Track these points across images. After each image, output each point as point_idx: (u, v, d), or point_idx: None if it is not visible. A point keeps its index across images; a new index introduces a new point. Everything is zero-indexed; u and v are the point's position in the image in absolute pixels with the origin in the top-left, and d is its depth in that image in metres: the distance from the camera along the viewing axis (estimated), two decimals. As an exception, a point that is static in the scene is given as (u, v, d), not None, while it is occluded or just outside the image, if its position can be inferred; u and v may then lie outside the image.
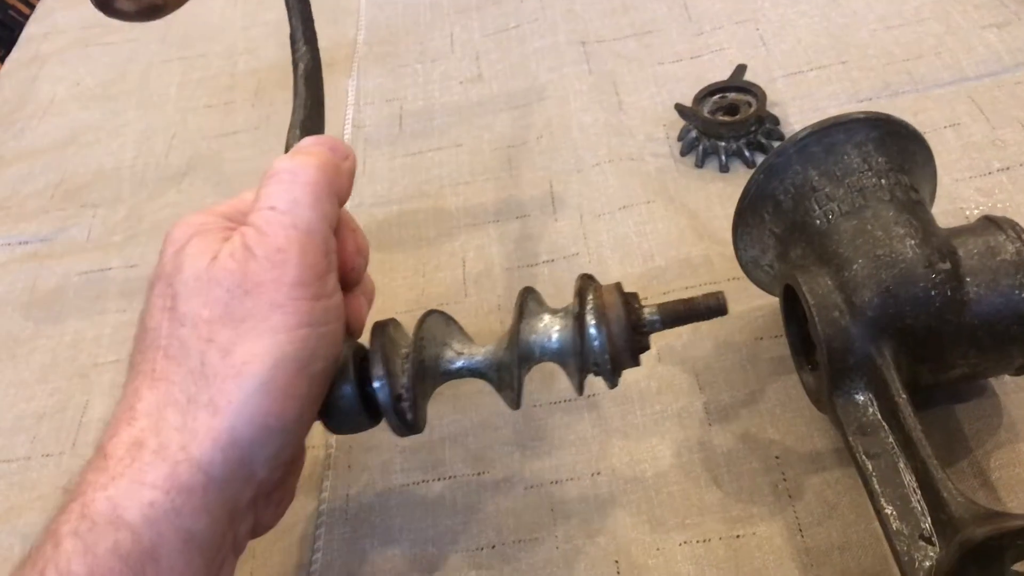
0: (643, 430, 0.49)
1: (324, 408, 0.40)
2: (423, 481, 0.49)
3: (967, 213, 0.55)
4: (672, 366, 0.51)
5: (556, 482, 0.48)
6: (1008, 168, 0.57)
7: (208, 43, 0.86)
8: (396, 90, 0.75)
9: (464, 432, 0.51)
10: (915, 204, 0.44)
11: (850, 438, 0.41)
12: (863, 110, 0.46)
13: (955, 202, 0.56)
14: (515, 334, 0.40)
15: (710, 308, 0.41)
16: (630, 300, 0.41)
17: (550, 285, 0.57)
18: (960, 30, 0.67)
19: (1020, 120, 0.60)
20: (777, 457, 0.46)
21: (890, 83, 0.64)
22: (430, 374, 0.41)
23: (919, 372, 0.42)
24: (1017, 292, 0.41)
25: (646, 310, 0.41)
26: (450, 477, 0.49)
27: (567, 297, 0.55)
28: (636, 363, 0.41)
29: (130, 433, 0.35)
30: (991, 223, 0.43)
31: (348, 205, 0.66)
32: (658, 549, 0.44)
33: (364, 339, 0.42)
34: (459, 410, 0.52)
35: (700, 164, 0.62)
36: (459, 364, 0.42)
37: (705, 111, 0.63)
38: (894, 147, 0.45)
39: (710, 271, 0.56)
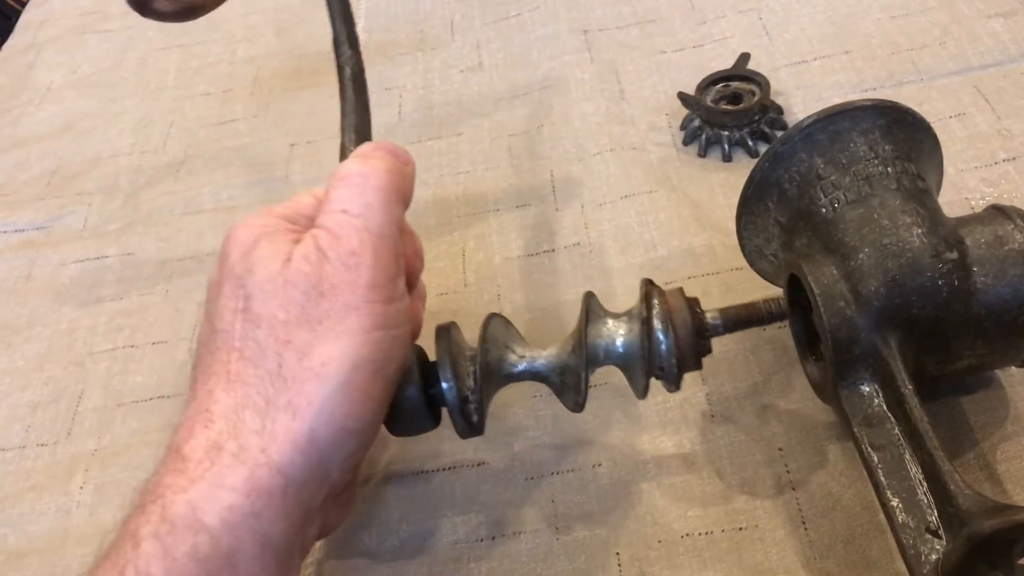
0: (645, 421, 0.48)
1: (388, 410, 0.40)
2: (422, 472, 0.49)
3: (972, 204, 0.55)
4: (674, 357, 0.50)
5: (557, 473, 0.47)
6: (1014, 158, 0.57)
7: (206, 31, 0.85)
8: (395, 79, 0.74)
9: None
10: (922, 193, 0.43)
11: (855, 429, 0.40)
12: (869, 97, 0.45)
13: (961, 192, 0.55)
14: (582, 338, 0.41)
15: (771, 313, 0.43)
16: (693, 305, 0.42)
17: (550, 275, 0.56)
18: (965, 20, 0.66)
19: (1026, 110, 0.59)
20: (780, 449, 0.46)
21: (895, 73, 0.64)
22: (494, 377, 0.42)
23: (925, 363, 0.42)
24: None
25: (708, 315, 0.42)
26: (449, 468, 0.49)
27: (567, 287, 0.55)
28: (699, 367, 0.42)
29: (208, 436, 0.35)
30: (999, 212, 0.43)
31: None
32: (660, 541, 0.44)
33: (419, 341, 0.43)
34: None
35: (703, 153, 0.62)
36: (521, 367, 0.42)
37: (708, 100, 0.62)
38: (900, 135, 0.45)
39: (713, 261, 0.55)
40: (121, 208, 0.69)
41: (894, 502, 0.38)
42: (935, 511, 0.37)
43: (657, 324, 0.41)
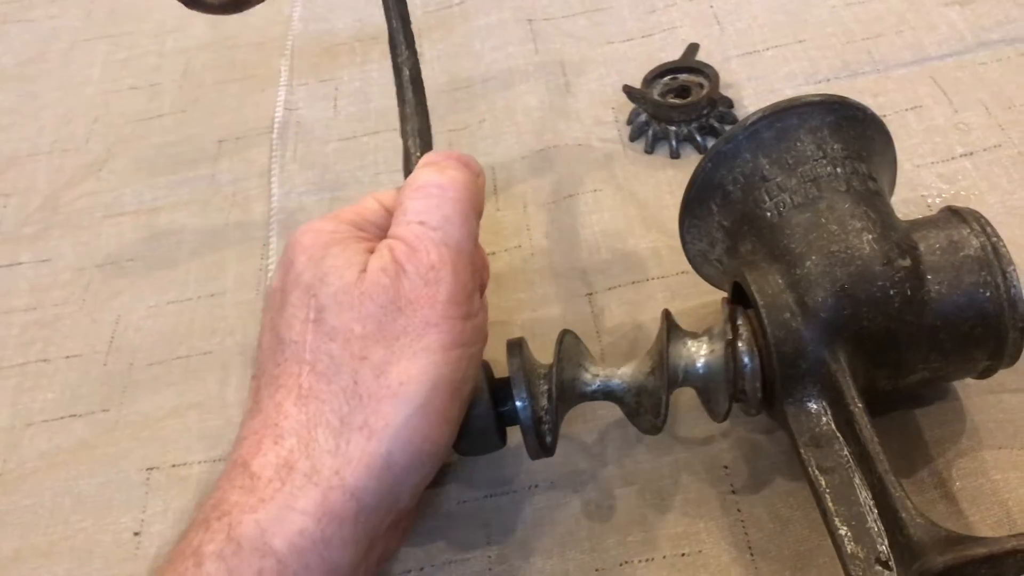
0: (583, 439, 0.45)
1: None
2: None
3: (928, 201, 0.52)
4: (616, 368, 0.48)
5: (491, 496, 0.44)
6: (971, 153, 0.54)
7: (136, 21, 0.81)
8: (332, 70, 0.71)
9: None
10: (873, 195, 0.41)
11: (802, 450, 0.38)
12: (818, 92, 0.42)
13: (916, 189, 0.53)
14: (664, 359, 0.39)
15: None
16: None
17: (490, 280, 0.53)
18: (922, 7, 0.64)
19: (983, 103, 0.57)
20: (726, 467, 0.43)
21: (849, 63, 0.61)
22: (567, 396, 0.40)
23: (876, 377, 0.39)
24: (981, 291, 0.38)
25: None
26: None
27: (508, 292, 0.52)
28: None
29: (278, 453, 0.34)
30: (954, 215, 0.40)
31: (277, 193, 0.62)
32: (597, 570, 0.41)
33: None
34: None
35: (650, 149, 0.59)
36: (595, 386, 0.41)
37: (655, 93, 0.59)
38: (851, 132, 0.42)
39: (659, 265, 0.52)
40: (38, 210, 0.65)
41: (842, 530, 0.35)
42: (885, 540, 0.35)
43: (743, 347, 0.39)
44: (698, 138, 0.58)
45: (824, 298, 0.38)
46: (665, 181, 0.57)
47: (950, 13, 0.63)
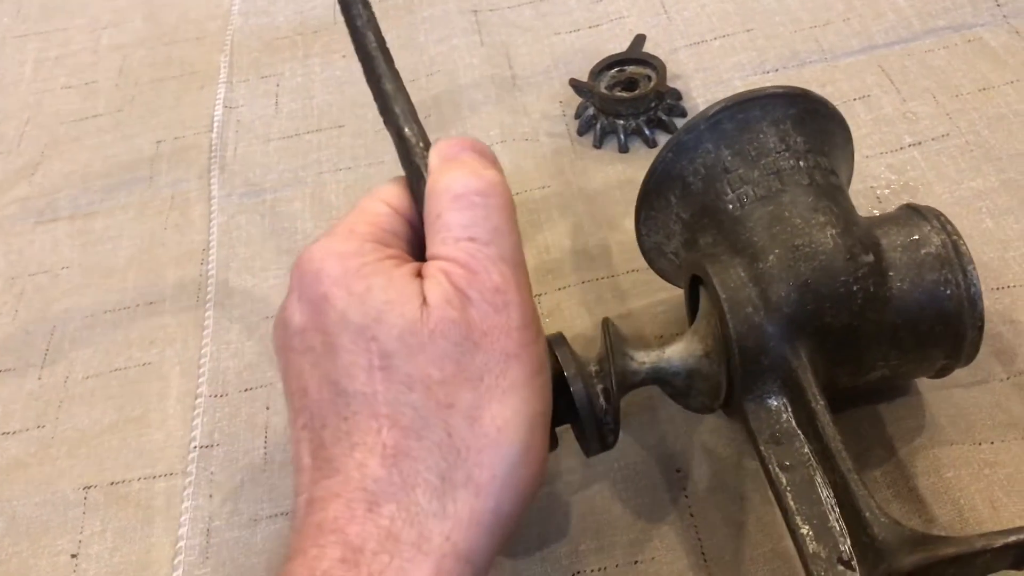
0: (535, 444, 0.44)
1: None
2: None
3: (878, 192, 0.52)
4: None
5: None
6: (920, 143, 0.54)
7: (69, 16, 0.78)
8: (273, 65, 0.69)
9: (338, 453, 0.46)
10: (835, 189, 0.40)
11: (762, 447, 0.37)
12: (780, 84, 0.41)
13: (865, 180, 0.52)
14: (728, 341, 0.37)
15: None
16: None
17: (437, 282, 0.52)
18: (869, -6, 0.63)
19: (931, 91, 0.56)
20: (678, 471, 0.43)
21: (798, 52, 0.61)
22: (619, 386, 0.38)
23: (837, 375, 0.39)
24: (942, 289, 0.38)
25: None
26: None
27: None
28: None
29: (377, 522, 0.30)
30: (915, 212, 0.40)
31: (217, 195, 0.61)
32: (549, 581, 0.40)
33: None
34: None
35: (598, 144, 0.58)
36: (644, 373, 0.39)
37: (602, 86, 0.58)
38: (813, 126, 0.41)
39: (608, 263, 0.51)
40: (-32, 217, 0.62)
41: (804, 529, 0.35)
42: (848, 539, 0.34)
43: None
44: (646, 131, 0.57)
45: (787, 293, 0.37)
46: (614, 176, 0.56)
47: (898, 0, 0.62)
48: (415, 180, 0.36)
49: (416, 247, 0.35)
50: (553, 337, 0.38)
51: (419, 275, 0.33)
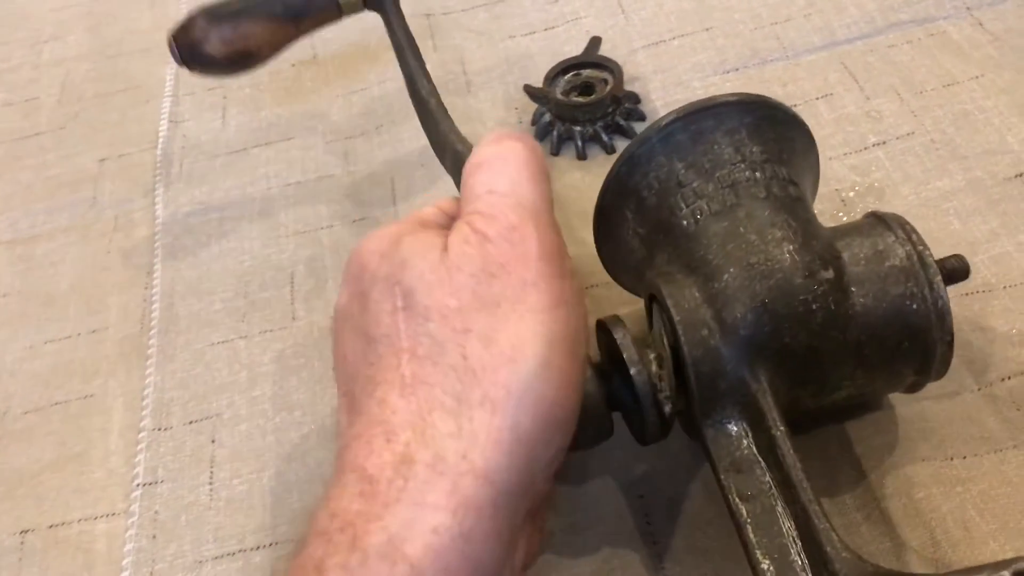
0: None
1: None
2: (240, 551, 0.42)
3: (842, 195, 0.50)
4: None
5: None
6: (884, 142, 0.52)
7: (9, 29, 0.76)
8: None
9: (288, 489, 0.44)
10: (794, 201, 0.38)
11: (722, 476, 0.35)
12: (735, 92, 0.40)
13: (829, 183, 0.51)
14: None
15: (956, 270, 0.38)
16: None
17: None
18: (830, -12, 0.62)
19: (895, 88, 0.55)
20: (641, 496, 0.41)
21: (758, 50, 0.59)
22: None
23: (800, 396, 0.37)
24: (908, 303, 0.36)
25: None
26: (271, 544, 0.42)
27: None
28: None
29: (394, 450, 0.30)
30: (879, 221, 0.38)
31: (162, 215, 0.58)
32: (508, 619, 0.38)
33: None
34: (290, 458, 0.45)
35: (556, 151, 0.56)
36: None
37: (558, 92, 0.56)
38: (770, 134, 0.39)
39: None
40: (-98, 245, 0.60)
41: (764, 564, 0.33)
42: (810, 575, 0.32)
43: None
44: (604, 137, 0.55)
45: (743, 314, 0.35)
46: (572, 185, 0.54)
47: (859, -7, 0.61)
48: None
49: None
50: (607, 318, 0.37)
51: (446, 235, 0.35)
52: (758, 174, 0.38)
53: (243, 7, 0.51)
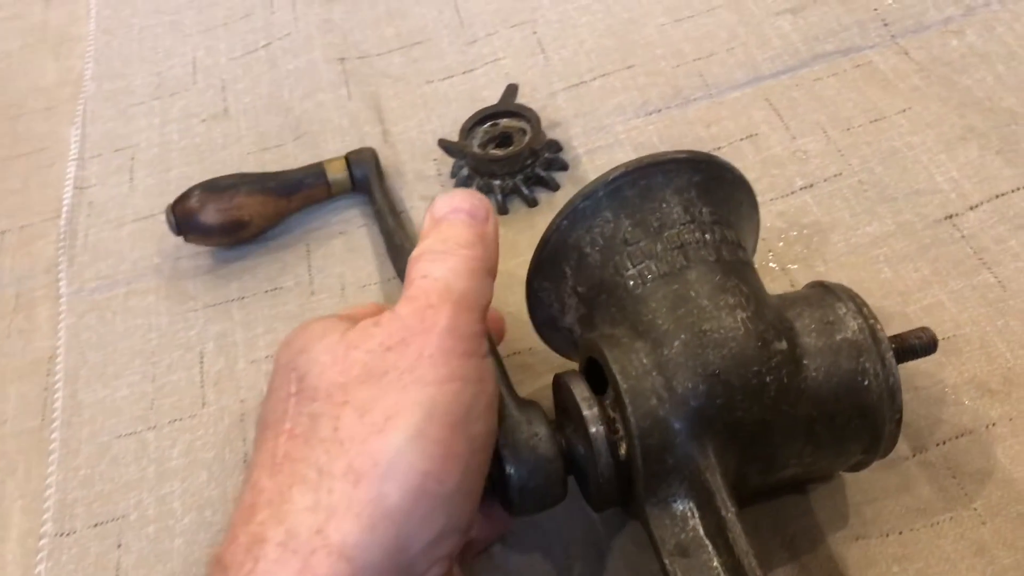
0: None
1: (504, 478, 0.34)
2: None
3: (770, 247, 0.48)
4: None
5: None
6: (811, 185, 0.51)
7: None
8: (128, 136, 0.64)
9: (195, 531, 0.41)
10: (743, 265, 0.37)
11: (666, 560, 0.33)
12: (685, 149, 0.38)
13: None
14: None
15: (924, 346, 0.37)
16: None
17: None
18: (753, 19, 0.60)
19: (821, 125, 0.53)
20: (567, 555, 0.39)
21: (681, 89, 0.57)
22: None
23: (747, 474, 0.35)
24: (859, 379, 0.34)
25: None
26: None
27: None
28: None
29: (248, 531, 0.29)
30: (827, 292, 0.36)
31: (66, 292, 0.55)
32: None
33: None
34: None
35: (476, 206, 0.53)
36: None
37: (475, 144, 0.54)
38: (719, 194, 0.38)
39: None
40: None
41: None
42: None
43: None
44: (525, 190, 0.53)
45: (695, 384, 0.33)
46: (493, 242, 0.52)
47: (782, 23, 0.59)
48: None
49: None
50: (563, 372, 0.36)
51: None
52: (707, 236, 0.36)
53: (239, 181, 0.53)
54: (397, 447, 0.29)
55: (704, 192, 0.37)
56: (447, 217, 0.36)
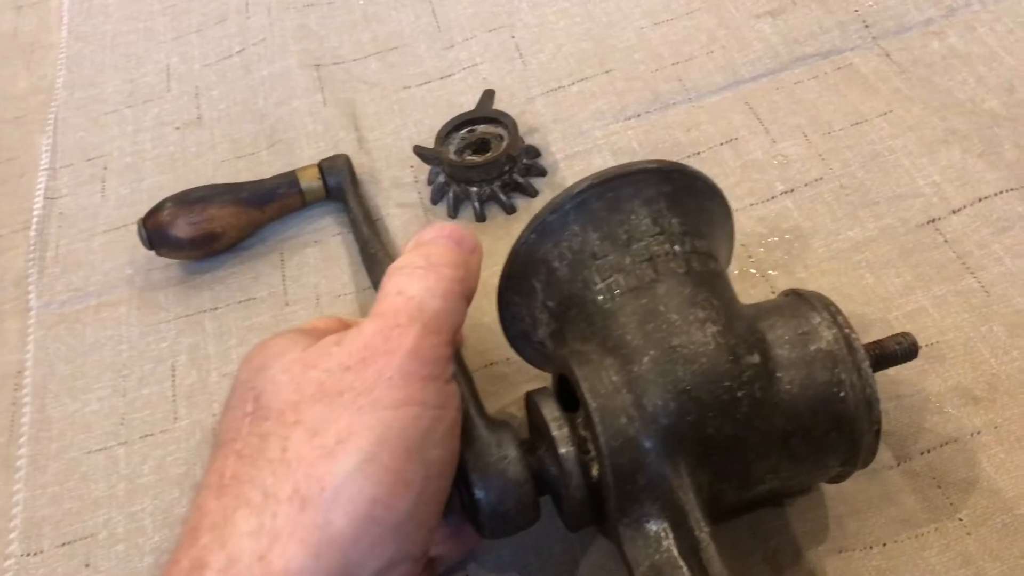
0: None
1: (474, 502, 0.33)
2: None
3: (751, 252, 0.48)
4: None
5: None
6: (792, 190, 0.50)
7: None
8: (100, 145, 0.62)
9: None
10: (715, 277, 0.36)
11: (639, 583, 0.32)
12: (654, 159, 0.37)
13: (737, 238, 0.47)
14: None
15: (904, 351, 0.37)
16: None
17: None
18: (733, 22, 0.59)
19: (802, 129, 0.52)
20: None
21: (660, 93, 0.56)
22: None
23: (722, 491, 0.34)
24: (835, 391, 0.34)
25: None
26: None
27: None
28: None
29: (190, 556, 0.28)
30: (803, 301, 0.36)
31: (35, 305, 0.54)
32: None
33: None
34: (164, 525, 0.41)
35: (453, 214, 0.53)
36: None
37: (451, 151, 0.53)
38: (690, 204, 0.37)
39: (468, 351, 0.46)
40: None
41: None
42: None
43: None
44: (502, 197, 0.52)
45: (665, 401, 0.33)
46: (470, 251, 0.51)
47: (762, 26, 0.58)
48: None
49: None
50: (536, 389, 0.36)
51: None
52: (677, 247, 0.36)
53: (210, 193, 0.52)
54: (346, 472, 0.29)
55: (674, 203, 0.36)
56: (434, 240, 0.36)
